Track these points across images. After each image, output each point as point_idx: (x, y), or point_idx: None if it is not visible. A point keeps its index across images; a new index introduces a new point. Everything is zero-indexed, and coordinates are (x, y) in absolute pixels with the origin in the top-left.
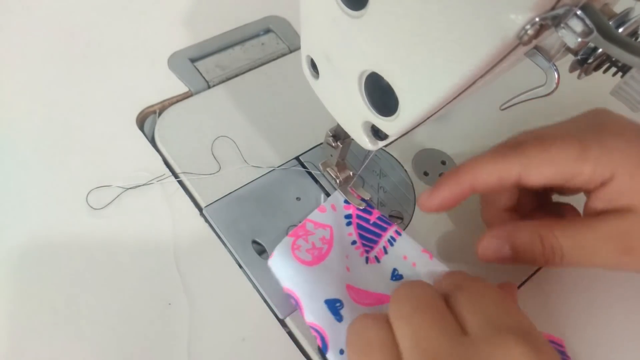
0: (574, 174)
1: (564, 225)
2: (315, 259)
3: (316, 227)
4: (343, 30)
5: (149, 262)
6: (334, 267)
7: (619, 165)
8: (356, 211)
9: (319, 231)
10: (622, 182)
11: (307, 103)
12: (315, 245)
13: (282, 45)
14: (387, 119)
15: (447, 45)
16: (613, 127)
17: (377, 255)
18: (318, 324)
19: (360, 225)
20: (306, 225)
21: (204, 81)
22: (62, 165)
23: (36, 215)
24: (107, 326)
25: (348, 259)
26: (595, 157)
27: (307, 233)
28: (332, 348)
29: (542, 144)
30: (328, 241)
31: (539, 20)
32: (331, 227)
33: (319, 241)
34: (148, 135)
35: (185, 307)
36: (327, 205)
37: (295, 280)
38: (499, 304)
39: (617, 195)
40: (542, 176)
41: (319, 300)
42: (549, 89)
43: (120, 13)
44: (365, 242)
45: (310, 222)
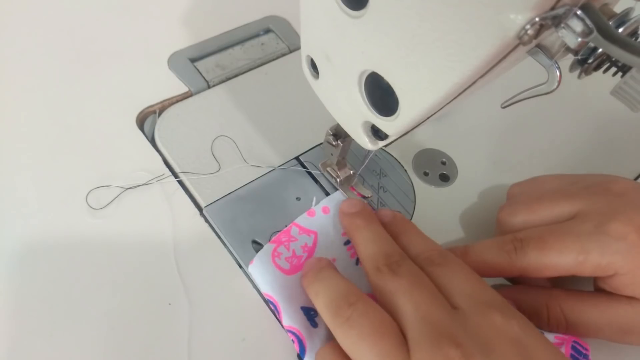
0: (573, 273)
1: (572, 301)
2: (292, 268)
3: (300, 233)
4: (343, 30)
5: (149, 262)
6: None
7: (620, 267)
8: None
9: (302, 237)
10: (625, 279)
11: (307, 103)
12: (296, 253)
13: (282, 45)
14: (387, 119)
15: (447, 45)
16: (620, 227)
17: None
18: (296, 327)
19: None
20: (291, 230)
21: (204, 81)
22: (62, 165)
23: (36, 215)
24: (107, 326)
25: (336, 262)
26: (593, 261)
27: (290, 239)
28: (309, 351)
29: (542, 247)
30: (309, 249)
31: (539, 20)
32: (316, 233)
33: (300, 249)
34: (148, 135)
35: (185, 307)
36: (318, 208)
37: (274, 286)
38: (474, 281)
39: (622, 287)
40: (542, 276)
41: (295, 305)
42: (551, 87)
43: (120, 13)
44: None
45: (296, 226)
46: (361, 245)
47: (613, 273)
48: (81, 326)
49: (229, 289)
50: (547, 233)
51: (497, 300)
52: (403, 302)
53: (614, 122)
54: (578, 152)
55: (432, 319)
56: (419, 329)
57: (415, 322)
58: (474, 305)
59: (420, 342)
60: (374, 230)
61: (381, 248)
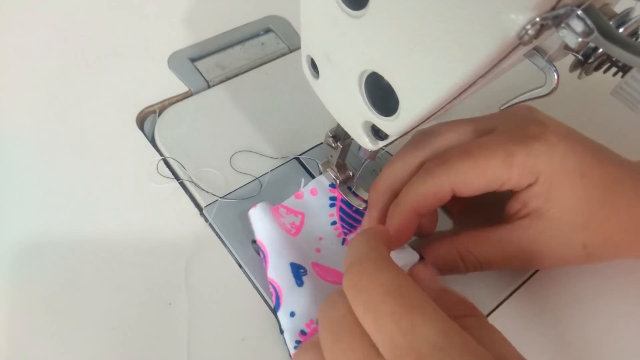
0: (502, 180)
1: (478, 241)
2: (287, 231)
3: (288, 213)
4: (343, 30)
5: (149, 261)
6: (300, 244)
7: (542, 170)
8: (341, 196)
9: (290, 217)
10: (541, 186)
11: (307, 103)
12: (285, 225)
13: (282, 45)
14: (387, 119)
15: (448, 45)
16: (537, 129)
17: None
18: (278, 282)
19: (342, 209)
20: (279, 210)
21: (204, 81)
22: (62, 165)
23: (35, 214)
24: (106, 326)
25: (322, 240)
26: (519, 163)
27: (278, 216)
28: (284, 308)
29: (468, 156)
30: (297, 227)
31: (540, 20)
32: (303, 214)
33: (288, 224)
34: (148, 135)
35: (185, 307)
36: (306, 190)
37: (270, 234)
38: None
39: (533, 197)
40: (473, 187)
41: (285, 260)
42: (549, 89)
43: (120, 13)
44: (345, 224)
45: (283, 207)
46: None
47: (535, 179)
48: (81, 326)
49: (229, 289)
50: (470, 144)
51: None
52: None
53: (614, 123)
54: None
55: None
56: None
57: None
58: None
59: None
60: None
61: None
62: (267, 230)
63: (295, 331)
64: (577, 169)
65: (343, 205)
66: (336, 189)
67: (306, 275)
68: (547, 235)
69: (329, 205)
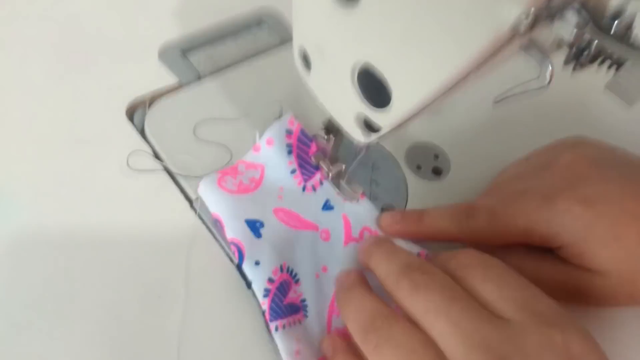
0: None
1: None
2: (239, 190)
3: (247, 168)
4: (336, 22)
5: (138, 255)
6: (259, 199)
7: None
8: (297, 142)
9: (249, 172)
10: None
11: (299, 96)
12: (243, 182)
13: (275, 38)
14: (379, 112)
15: (441, 37)
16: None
17: (314, 185)
18: (237, 238)
19: (300, 156)
20: (237, 167)
21: (195, 72)
22: (51, 157)
23: (24, 208)
24: (95, 319)
25: (283, 190)
26: (541, 234)
27: (236, 173)
28: (248, 259)
29: (492, 217)
30: (257, 181)
31: (535, 11)
32: (263, 166)
33: (247, 180)
34: (138, 127)
35: (174, 300)
36: (263, 141)
37: (220, 204)
38: (524, 286)
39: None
40: (493, 244)
41: (239, 219)
42: (543, 82)
43: (111, 3)
44: (304, 170)
45: (242, 163)
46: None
47: (560, 245)
48: (70, 321)
49: (219, 282)
50: (498, 205)
51: (554, 310)
52: (439, 322)
53: (609, 116)
54: None
55: (478, 339)
56: (463, 353)
57: (458, 346)
58: (528, 318)
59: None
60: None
61: (397, 260)
62: (217, 201)
63: (263, 279)
64: (609, 234)
65: (299, 151)
66: (292, 135)
67: (263, 227)
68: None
69: (286, 152)
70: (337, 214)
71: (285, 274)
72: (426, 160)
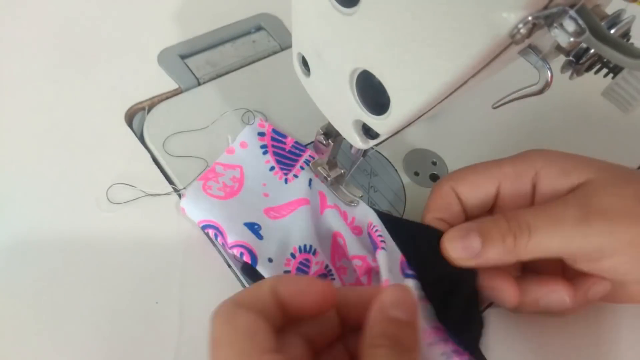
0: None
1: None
2: (227, 194)
3: (225, 169)
4: (335, 28)
5: (137, 260)
6: (248, 199)
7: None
8: (271, 141)
9: (229, 172)
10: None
11: (298, 101)
12: (226, 184)
13: (274, 43)
14: (378, 118)
15: (439, 43)
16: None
17: (295, 174)
18: (244, 240)
19: (276, 152)
20: (215, 169)
21: (194, 78)
22: (50, 161)
23: (22, 213)
24: (92, 324)
25: (266, 186)
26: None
27: (216, 175)
28: (261, 258)
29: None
30: (238, 179)
31: (532, 19)
32: (241, 167)
33: (229, 180)
34: (137, 132)
35: (173, 306)
36: (236, 144)
37: (213, 211)
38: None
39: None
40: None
41: (238, 223)
42: (541, 86)
43: (110, 8)
44: (283, 166)
45: (219, 164)
46: None
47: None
48: (67, 325)
49: (217, 288)
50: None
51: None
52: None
53: (605, 123)
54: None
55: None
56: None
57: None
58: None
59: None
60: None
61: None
62: (209, 210)
63: (279, 273)
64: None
65: (276, 149)
66: (264, 137)
67: (261, 229)
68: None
69: (262, 153)
70: (314, 191)
71: (301, 255)
72: (424, 167)
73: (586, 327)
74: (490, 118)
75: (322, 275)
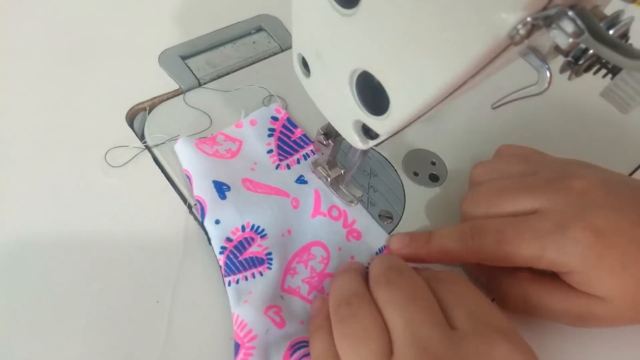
0: (530, 266)
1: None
2: (214, 154)
3: (226, 140)
4: (335, 29)
5: (137, 259)
6: (232, 164)
7: (574, 266)
8: (281, 127)
9: (227, 144)
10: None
11: (298, 102)
12: (219, 152)
13: (274, 44)
14: (378, 118)
15: (439, 44)
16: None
17: (289, 164)
18: (202, 196)
19: (281, 138)
20: (217, 138)
21: (194, 79)
22: (50, 162)
23: (22, 212)
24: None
25: (256, 164)
26: (550, 259)
27: (215, 143)
28: (209, 217)
29: (500, 240)
30: (233, 153)
31: (531, 20)
32: (241, 141)
33: (223, 151)
34: (138, 132)
35: (172, 305)
36: (246, 120)
37: (191, 161)
38: (481, 302)
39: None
40: (499, 265)
41: (207, 179)
42: (541, 88)
43: (111, 9)
44: (282, 152)
45: (222, 134)
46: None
47: (568, 271)
48: (67, 325)
49: (216, 288)
50: (507, 227)
51: (504, 325)
52: (396, 315)
53: (604, 124)
54: (567, 153)
55: (422, 338)
56: (405, 347)
57: (403, 339)
58: (476, 328)
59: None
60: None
61: (387, 263)
62: (189, 159)
63: (221, 238)
64: (617, 264)
65: (282, 136)
66: (277, 122)
67: (229, 191)
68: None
69: (267, 135)
70: (310, 187)
71: (249, 232)
72: (423, 167)
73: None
74: (489, 118)
75: (257, 258)
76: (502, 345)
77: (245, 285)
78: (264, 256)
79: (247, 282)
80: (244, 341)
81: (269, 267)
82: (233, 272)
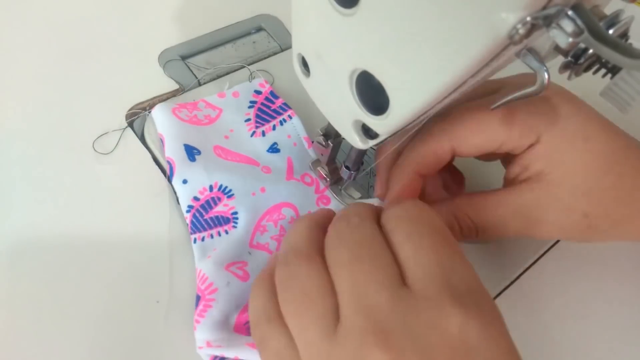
0: (502, 139)
1: (475, 204)
2: (190, 120)
3: (206, 107)
4: (334, 28)
5: (138, 261)
6: (206, 132)
7: (544, 130)
8: (263, 100)
9: (207, 110)
10: (543, 147)
11: (298, 101)
12: (197, 117)
13: (274, 44)
14: (377, 118)
15: (439, 43)
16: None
17: (264, 131)
18: (172, 157)
19: (260, 109)
20: (198, 104)
21: (194, 78)
22: (50, 161)
23: (23, 213)
24: (93, 323)
25: (232, 132)
26: (520, 121)
27: (194, 108)
28: (177, 177)
29: (468, 114)
30: (211, 119)
31: (530, 19)
32: (221, 110)
33: (202, 116)
34: (137, 133)
35: (172, 305)
36: (229, 92)
37: (164, 125)
38: (445, 253)
39: (534, 159)
40: (473, 146)
41: (179, 141)
42: (539, 89)
43: (111, 9)
44: (259, 120)
45: (203, 101)
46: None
47: (536, 139)
48: (68, 324)
49: None
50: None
51: (468, 286)
52: (340, 276)
53: None
54: None
55: (368, 305)
56: (350, 314)
57: (349, 305)
58: (429, 289)
59: (347, 332)
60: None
61: (347, 210)
62: (163, 124)
63: (189, 197)
64: (581, 132)
65: (263, 107)
66: (260, 95)
67: (200, 155)
68: (547, 200)
69: (247, 106)
70: (283, 156)
71: (217, 192)
72: None
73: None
74: None
75: (223, 217)
76: (456, 316)
77: (210, 242)
78: (229, 215)
79: (212, 240)
80: (204, 293)
81: (235, 226)
82: (199, 230)
